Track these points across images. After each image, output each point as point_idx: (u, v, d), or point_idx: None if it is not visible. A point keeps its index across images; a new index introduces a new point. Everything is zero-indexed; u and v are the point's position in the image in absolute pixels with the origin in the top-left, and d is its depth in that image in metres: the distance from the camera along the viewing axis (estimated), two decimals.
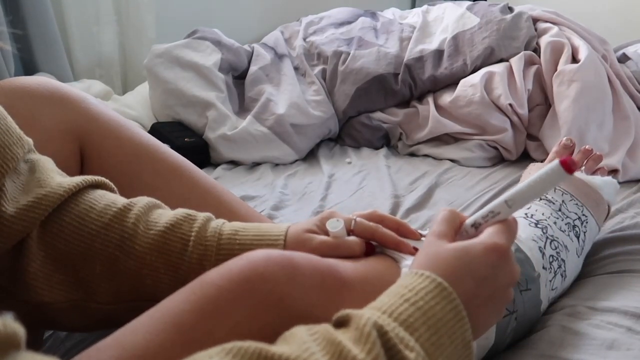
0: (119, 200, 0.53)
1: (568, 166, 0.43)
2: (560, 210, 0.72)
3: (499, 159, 1.26)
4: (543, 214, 0.71)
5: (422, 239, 0.56)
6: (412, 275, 0.42)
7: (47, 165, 0.53)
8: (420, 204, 1.01)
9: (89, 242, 0.50)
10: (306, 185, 1.12)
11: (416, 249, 0.53)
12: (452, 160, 1.24)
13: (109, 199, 0.53)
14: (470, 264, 0.43)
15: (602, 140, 1.16)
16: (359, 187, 1.10)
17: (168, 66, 1.31)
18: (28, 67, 1.36)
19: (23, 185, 0.50)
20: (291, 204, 1.03)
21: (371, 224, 0.54)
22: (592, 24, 1.39)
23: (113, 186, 0.57)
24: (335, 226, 0.53)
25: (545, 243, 0.66)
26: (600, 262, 0.76)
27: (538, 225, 0.69)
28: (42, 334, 0.62)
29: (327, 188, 1.09)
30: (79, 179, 0.52)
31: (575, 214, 0.73)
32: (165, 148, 0.72)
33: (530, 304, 0.60)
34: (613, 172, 1.11)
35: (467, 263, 0.43)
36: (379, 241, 0.54)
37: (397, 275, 0.50)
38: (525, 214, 0.72)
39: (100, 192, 0.54)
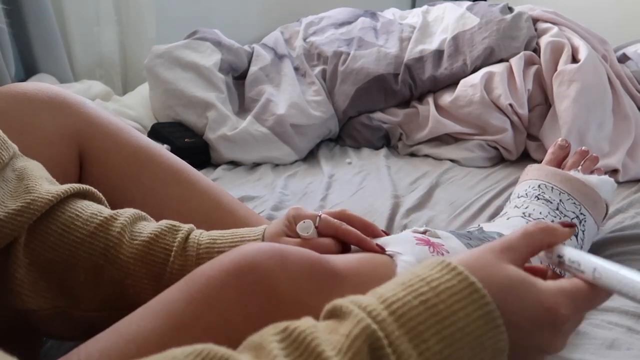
0: (105, 210, 0.54)
1: None
2: (557, 209, 0.72)
3: (499, 159, 1.26)
4: (540, 213, 0.71)
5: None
6: (435, 265, 0.36)
7: (36, 173, 0.53)
8: (420, 204, 1.01)
9: (73, 250, 0.50)
10: (306, 185, 1.12)
11: (380, 247, 0.52)
12: (452, 161, 1.24)
13: (95, 208, 0.53)
14: (515, 303, 0.36)
15: (602, 140, 1.16)
16: (360, 187, 1.10)
17: (168, 67, 1.31)
18: (28, 67, 1.36)
19: (11, 191, 0.50)
20: (291, 204, 1.03)
21: (335, 220, 0.54)
22: (592, 23, 1.39)
23: (101, 196, 0.57)
24: (305, 229, 0.54)
25: None
26: None
27: None
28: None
29: (328, 188, 1.09)
30: (66, 187, 0.53)
31: (573, 212, 0.73)
32: (163, 151, 0.72)
33: None
34: (613, 172, 1.11)
35: (513, 300, 0.36)
36: (342, 237, 0.54)
37: (392, 268, 0.49)
38: (523, 213, 0.72)
39: (86, 202, 0.54)
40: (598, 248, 0.79)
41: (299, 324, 0.33)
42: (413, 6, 2.44)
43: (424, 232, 0.58)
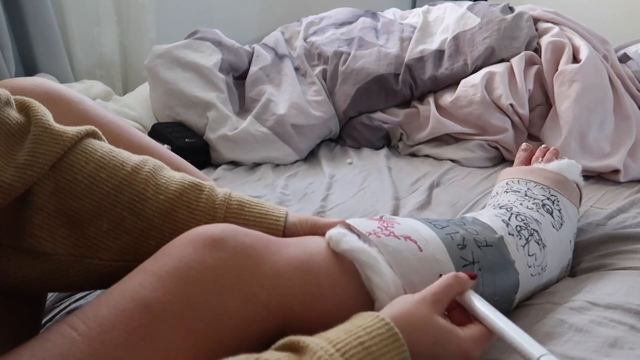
0: (126, 161, 0.54)
1: None
2: (526, 195, 0.76)
3: (499, 159, 1.25)
4: (509, 201, 0.75)
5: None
6: (371, 318, 0.46)
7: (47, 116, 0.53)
8: (422, 206, 1.01)
9: (99, 202, 0.51)
10: (307, 185, 1.12)
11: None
12: (452, 161, 1.24)
13: (117, 159, 0.54)
14: (441, 348, 0.48)
15: (603, 140, 1.16)
16: (361, 188, 1.10)
17: (169, 67, 1.30)
18: (28, 67, 1.36)
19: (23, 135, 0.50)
20: (292, 204, 1.03)
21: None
22: (593, 21, 1.39)
23: (102, 134, 0.58)
24: None
25: (510, 217, 0.69)
26: (602, 259, 0.76)
27: (502, 208, 0.72)
28: (44, 299, 0.63)
29: (328, 188, 1.09)
30: (80, 128, 0.53)
31: (543, 195, 0.76)
32: (163, 150, 0.72)
33: (494, 257, 0.61)
34: (614, 172, 1.11)
35: (441, 345, 0.48)
36: None
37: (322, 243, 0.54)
38: (494, 205, 0.75)
39: (104, 147, 0.54)
40: (600, 245, 0.79)
41: (267, 357, 0.41)
42: (413, 6, 2.44)
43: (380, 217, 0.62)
